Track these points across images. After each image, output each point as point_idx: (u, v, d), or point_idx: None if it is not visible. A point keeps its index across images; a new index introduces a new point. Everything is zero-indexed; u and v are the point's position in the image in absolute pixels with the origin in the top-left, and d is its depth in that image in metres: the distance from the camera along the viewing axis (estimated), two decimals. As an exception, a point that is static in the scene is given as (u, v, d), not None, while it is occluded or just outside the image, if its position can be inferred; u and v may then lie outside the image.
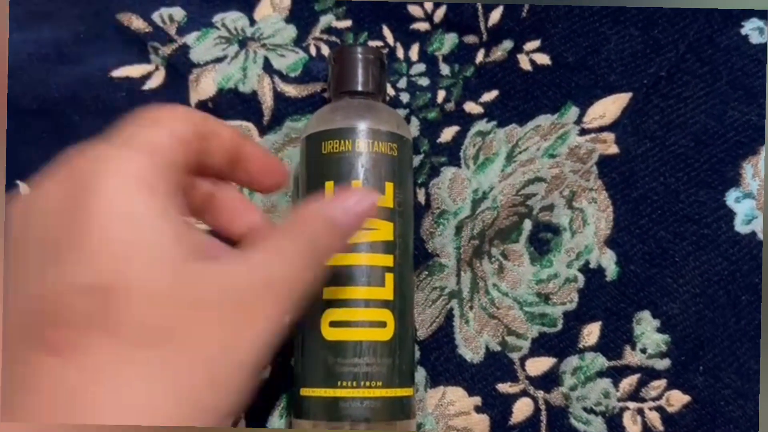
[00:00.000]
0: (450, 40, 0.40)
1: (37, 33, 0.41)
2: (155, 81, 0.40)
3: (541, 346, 0.38)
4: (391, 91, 0.39)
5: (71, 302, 0.19)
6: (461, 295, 0.38)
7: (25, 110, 0.40)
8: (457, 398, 0.37)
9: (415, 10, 0.40)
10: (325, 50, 0.40)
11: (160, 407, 0.20)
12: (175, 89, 0.40)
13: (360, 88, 0.35)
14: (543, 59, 0.39)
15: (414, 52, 0.40)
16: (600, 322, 0.38)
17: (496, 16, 0.40)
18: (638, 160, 0.39)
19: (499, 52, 0.40)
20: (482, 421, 0.37)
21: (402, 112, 0.39)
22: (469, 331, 0.38)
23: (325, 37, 0.40)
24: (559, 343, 0.38)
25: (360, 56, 0.36)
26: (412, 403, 0.34)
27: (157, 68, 0.40)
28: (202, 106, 0.39)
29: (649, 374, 0.37)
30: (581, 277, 0.38)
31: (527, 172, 0.39)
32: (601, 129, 0.39)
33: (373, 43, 0.40)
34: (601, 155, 0.39)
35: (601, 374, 0.37)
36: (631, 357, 0.37)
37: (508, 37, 0.40)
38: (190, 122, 0.25)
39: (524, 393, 0.38)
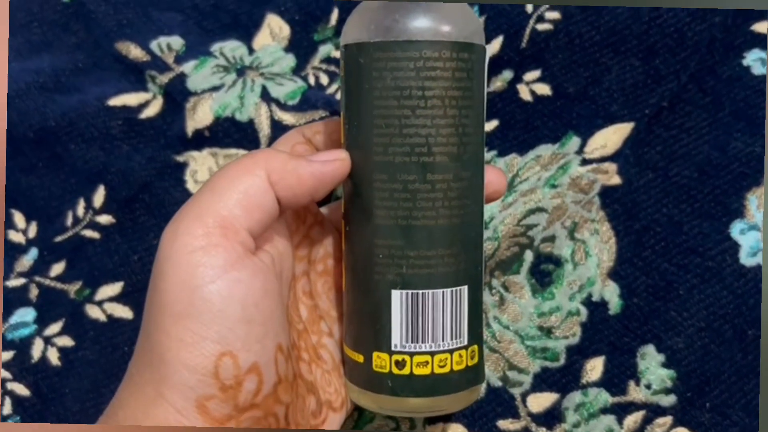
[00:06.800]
0: (449, 69, 0.40)
1: (37, 63, 0.41)
2: (152, 109, 0.40)
3: (543, 381, 0.37)
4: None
5: None
6: (461, 328, 0.37)
7: (22, 139, 0.39)
8: (457, 435, 0.36)
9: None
10: (324, 79, 0.40)
11: None
12: (172, 117, 0.39)
13: None
14: (543, 89, 0.39)
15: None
16: (603, 357, 0.37)
17: (495, 46, 0.39)
18: (641, 191, 0.38)
19: (498, 82, 0.39)
20: (483, 459, 0.36)
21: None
22: (469, 365, 0.37)
23: (324, 66, 0.40)
24: (561, 378, 0.37)
25: None
26: None
27: (154, 97, 0.40)
28: (198, 134, 0.39)
29: (654, 411, 0.36)
30: (584, 310, 0.37)
31: (528, 202, 0.38)
32: (602, 159, 0.38)
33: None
34: (603, 186, 0.38)
35: (604, 411, 0.36)
36: (636, 393, 0.36)
37: (508, 67, 0.39)
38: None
39: (526, 430, 0.36)
